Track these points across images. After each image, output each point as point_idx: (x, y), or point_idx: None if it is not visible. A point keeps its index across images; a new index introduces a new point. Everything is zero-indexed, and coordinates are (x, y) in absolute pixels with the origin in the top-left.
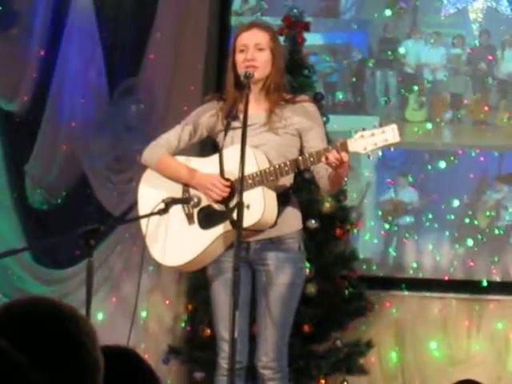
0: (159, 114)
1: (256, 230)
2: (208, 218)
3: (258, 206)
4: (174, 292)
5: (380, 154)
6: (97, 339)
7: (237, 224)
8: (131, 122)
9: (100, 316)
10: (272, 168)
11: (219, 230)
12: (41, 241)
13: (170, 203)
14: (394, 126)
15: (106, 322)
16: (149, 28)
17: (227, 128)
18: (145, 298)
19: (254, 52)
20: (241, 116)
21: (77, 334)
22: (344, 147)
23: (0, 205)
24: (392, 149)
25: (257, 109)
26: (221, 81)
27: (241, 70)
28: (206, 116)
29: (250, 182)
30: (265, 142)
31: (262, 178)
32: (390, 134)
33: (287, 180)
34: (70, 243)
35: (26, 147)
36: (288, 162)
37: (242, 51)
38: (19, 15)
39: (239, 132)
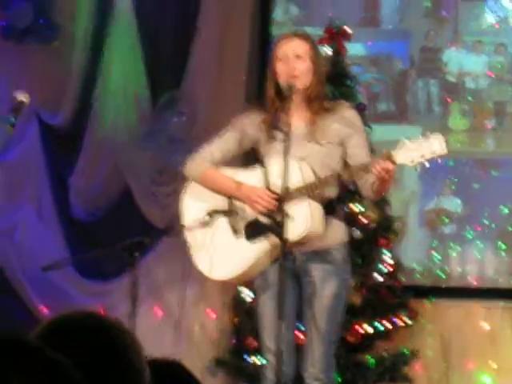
0: (202, 126)
1: (303, 242)
2: (255, 231)
3: (305, 218)
4: (219, 303)
5: (427, 165)
6: (143, 353)
7: (282, 235)
8: (174, 135)
9: (145, 328)
10: (318, 180)
11: (266, 243)
12: (85, 254)
13: (214, 215)
14: (441, 138)
15: (150, 335)
16: (190, 40)
17: (270, 139)
18: (190, 310)
19: (294, 62)
20: (283, 127)
21: (124, 350)
22: (390, 159)
23: (44, 218)
24: (439, 160)
25: (299, 119)
26: (263, 91)
27: (282, 80)
28: (249, 126)
29: (296, 195)
30: (308, 153)
31: (307, 191)
32: (437, 146)
33: (332, 191)
34: (114, 256)
35: (70, 160)
36: (334, 174)
37: (281, 60)
38: (61, 28)
39: (282, 144)
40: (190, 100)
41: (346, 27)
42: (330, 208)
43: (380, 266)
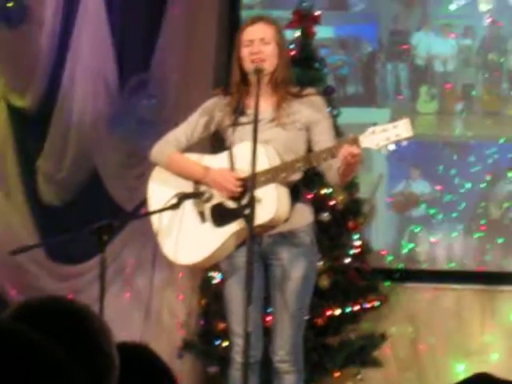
0: (171, 109)
1: (270, 226)
2: (221, 216)
3: (272, 202)
4: (187, 287)
5: (392, 148)
6: (112, 337)
7: (249, 218)
8: (143, 117)
9: (113, 312)
10: (284, 164)
11: (233, 227)
12: (54, 237)
13: (182, 198)
14: (407, 121)
15: (119, 318)
16: (159, 23)
17: (235, 124)
18: (158, 294)
19: (259, 45)
20: (248, 111)
21: (93, 333)
22: (355, 143)
23: (12, 202)
24: (405, 143)
25: (264, 103)
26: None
27: (247, 65)
28: (215, 110)
29: (262, 179)
30: (273, 137)
31: (273, 175)
32: (402, 129)
33: (297, 175)
34: (82, 239)
35: (39, 143)
36: (300, 158)
37: (247, 46)
38: (30, 10)
39: (248, 128)
40: (159, 83)
41: (314, 10)
42: (296, 192)
43: (348, 248)
